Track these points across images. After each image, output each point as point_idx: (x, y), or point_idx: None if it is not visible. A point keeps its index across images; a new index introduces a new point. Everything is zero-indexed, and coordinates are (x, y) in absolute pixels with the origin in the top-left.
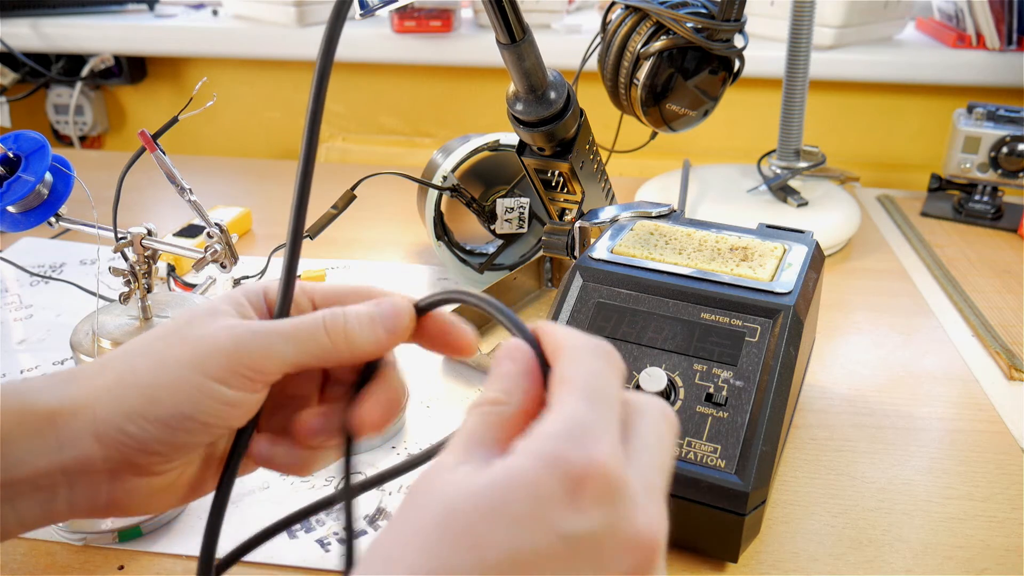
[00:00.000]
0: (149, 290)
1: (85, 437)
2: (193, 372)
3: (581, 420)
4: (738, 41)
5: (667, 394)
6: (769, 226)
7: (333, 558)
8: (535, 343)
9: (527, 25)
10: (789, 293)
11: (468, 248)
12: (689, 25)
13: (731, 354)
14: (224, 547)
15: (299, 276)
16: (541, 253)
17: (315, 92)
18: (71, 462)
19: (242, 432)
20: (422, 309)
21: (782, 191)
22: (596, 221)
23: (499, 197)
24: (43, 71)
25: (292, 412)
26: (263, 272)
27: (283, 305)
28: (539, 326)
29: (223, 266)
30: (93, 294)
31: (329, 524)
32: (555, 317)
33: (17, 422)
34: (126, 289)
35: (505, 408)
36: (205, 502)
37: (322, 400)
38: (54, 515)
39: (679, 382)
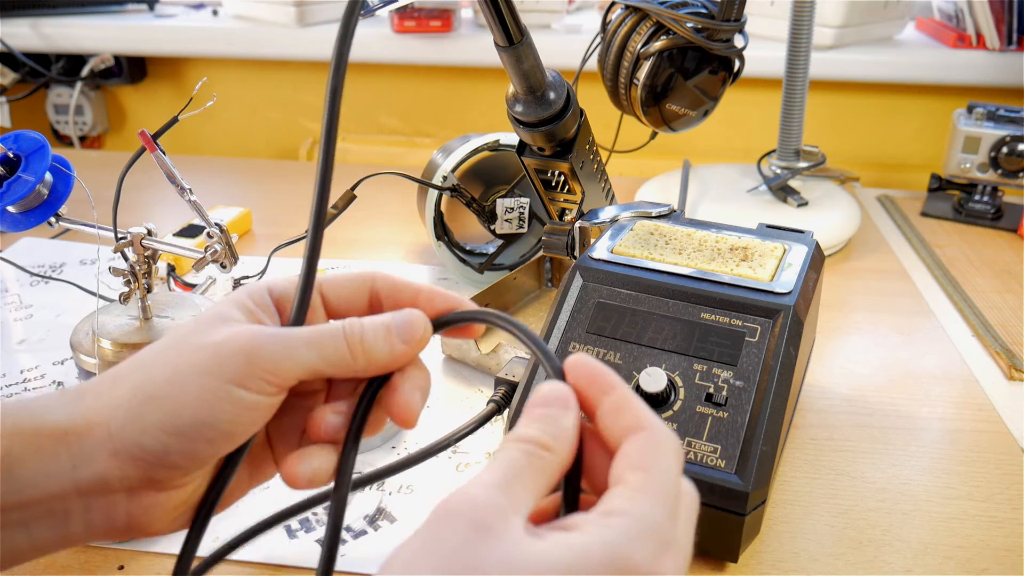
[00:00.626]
0: (149, 290)
1: (101, 454)
2: (211, 377)
3: (660, 530)
4: (738, 41)
5: (667, 394)
6: (769, 226)
7: None
8: (563, 375)
9: (525, 27)
10: (789, 293)
11: (468, 248)
12: (689, 25)
13: (731, 354)
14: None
15: None
16: (541, 253)
17: (330, 101)
18: (86, 482)
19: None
20: (442, 323)
21: (782, 191)
22: (596, 221)
23: (499, 197)
24: (43, 71)
25: (301, 417)
26: (263, 272)
27: (300, 311)
28: (620, 397)
29: (223, 266)
30: (93, 294)
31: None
32: (555, 317)
33: (29, 442)
34: (126, 289)
35: (551, 457)
36: None
37: (329, 400)
38: (71, 539)
39: (679, 382)
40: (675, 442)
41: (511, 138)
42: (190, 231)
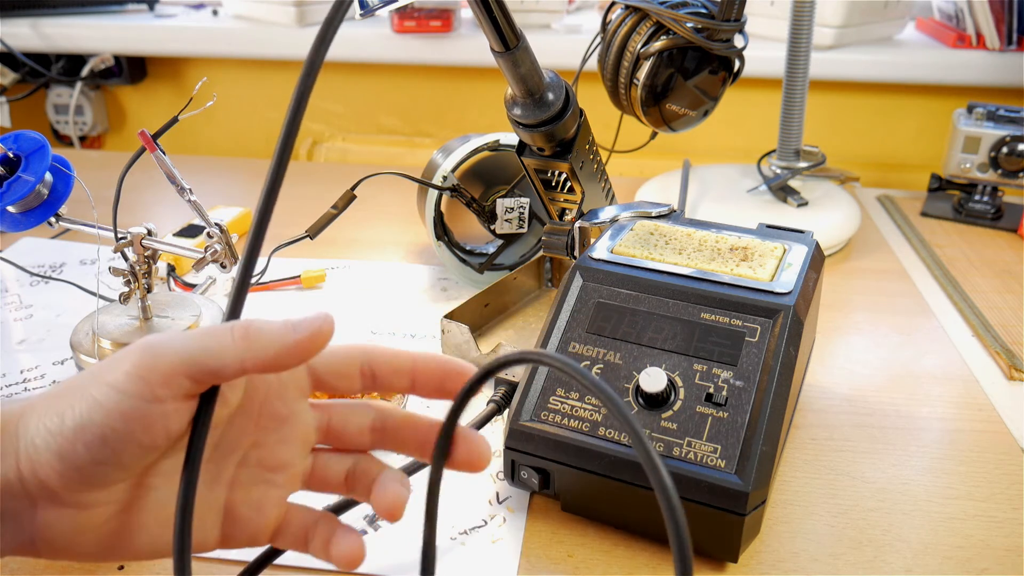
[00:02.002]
0: (149, 290)
1: (9, 454)
2: (90, 377)
3: None
4: (738, 41)
5: (667, 394)
6: (769, 226)
7: None
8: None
9: (520, 31)
10: (789, 293)
11: (468, 248)
12: (689, 25)
13: (731, 354)
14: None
15: (299, 276)
16: (541, 253)
17: (303, 79)
18: None
19: (205, 401)
20: (490, 371)
21: (782, 191)
22: (596, 221)
23: (499, 197)
24: (43, 71)
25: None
26: (263, 272)
27: (232, 313)
28: None
29: (223, 266)
30: (93, 294)
31: None
32: (555, 317)
33: None
34: (126, 289)
35: None
36: None
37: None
38: None
39: (679, 382)
40: None
41: (511, 138)
42: (190, 231)
